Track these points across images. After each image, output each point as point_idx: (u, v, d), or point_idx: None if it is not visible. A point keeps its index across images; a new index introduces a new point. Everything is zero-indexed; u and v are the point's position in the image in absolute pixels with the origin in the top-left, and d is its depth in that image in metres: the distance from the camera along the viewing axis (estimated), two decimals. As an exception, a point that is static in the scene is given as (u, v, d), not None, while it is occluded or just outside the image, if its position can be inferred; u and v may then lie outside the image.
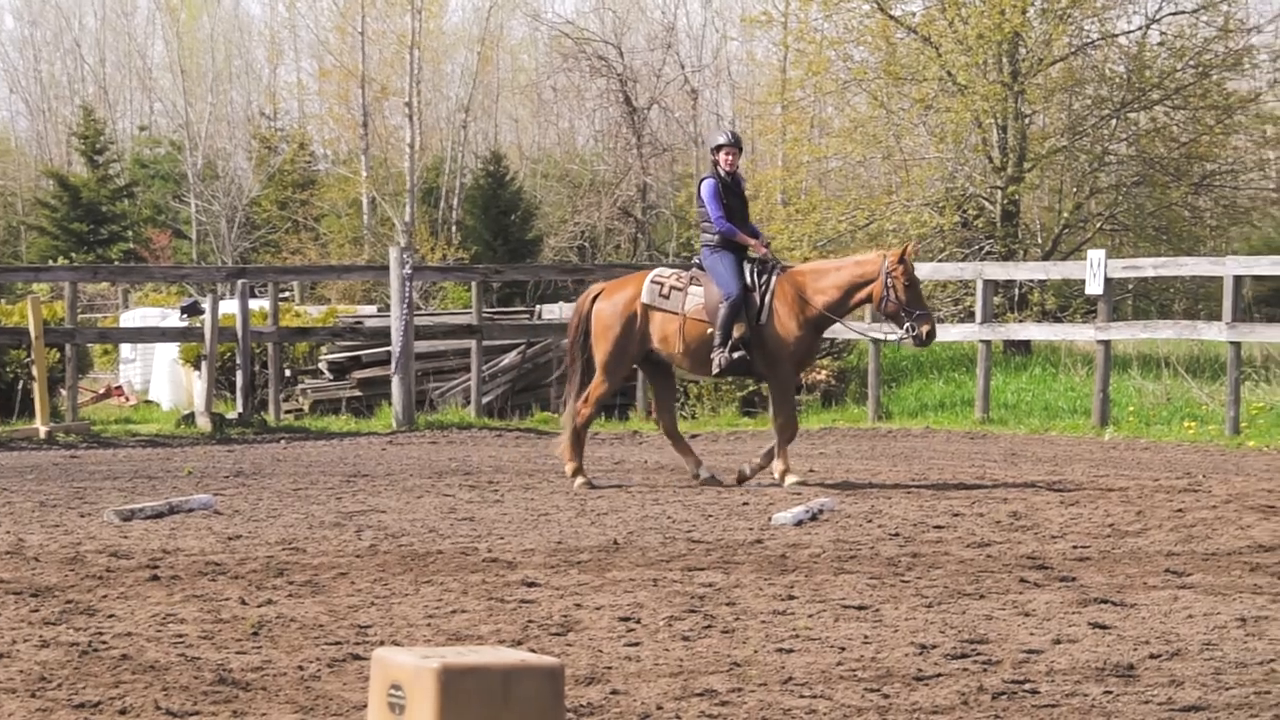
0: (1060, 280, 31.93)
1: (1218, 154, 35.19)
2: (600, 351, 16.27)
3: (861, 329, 21.98)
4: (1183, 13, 34.70)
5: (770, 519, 13.35)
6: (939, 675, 7.96)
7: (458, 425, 23.40)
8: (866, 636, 8.83)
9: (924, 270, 27.39)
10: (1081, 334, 26.01)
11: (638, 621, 9.20)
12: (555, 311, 29.42)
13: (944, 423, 23.89)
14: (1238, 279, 21.79)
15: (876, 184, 36.11)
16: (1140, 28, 35.27)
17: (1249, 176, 36.57)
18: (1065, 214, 35.05)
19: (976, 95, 32.37)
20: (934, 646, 8.56)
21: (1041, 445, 20.82)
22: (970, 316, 27.45)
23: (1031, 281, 32.12)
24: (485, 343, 24.73)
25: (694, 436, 22.43)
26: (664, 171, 52.41)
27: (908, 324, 15.68)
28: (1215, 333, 22.23)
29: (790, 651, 8.46)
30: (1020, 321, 30.68)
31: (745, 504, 14.50)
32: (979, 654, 8.41)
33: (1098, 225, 35.17)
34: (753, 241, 16.05)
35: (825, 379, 26.70)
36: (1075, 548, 11.89)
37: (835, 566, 11.05)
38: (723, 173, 16.11)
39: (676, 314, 16.02)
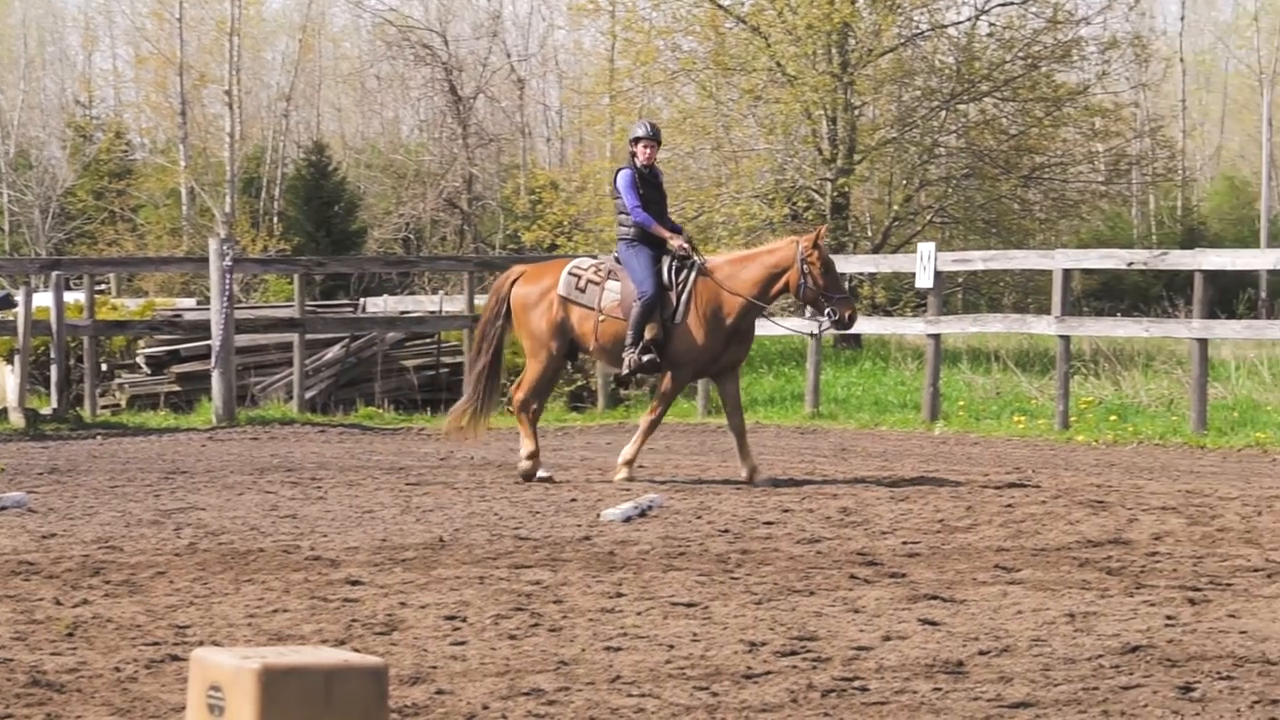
0: (890, 273, 32.09)
1: (1047, 146, 35.57)
2: (523, 336, 16.08)
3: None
4: (1012, 4, 35.04)
5: (599, 515, 13.25)
6: (768, 673, 7.91)
7: (280, 421, 23.10)
8: (695, 634, 8.76)
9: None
10: (911, 328, 26.14)
11: (463, 620, 9.09)
12: (380, 304, 29.19)
13: (774, 417, 23.91)
14: (1067, 272, 21.98)
15: (706, 176, 36.09)
16: (970, 19, 35.56)
17: (1078, 169, 37.00)
18: (895, 206, 35.28)
19: (806, 86, 32.46)
20: (763, 644, 8.51)
21: (872, 440, 20.87)
22: (800, 310, 27.46)
23: (862, 274, 32.28)
24: (308, 336, 24.42)
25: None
26: (490, 162, 52.25)
27: (828, 309, 15.49)
28: (1045, 326, 22.40)
29: (618, 650, 8.39)
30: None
31: (573, 500, 14.40)
32: (808, 651, 8.36)
33: (928, 218, 35.43)
34: (668, 234, 15.76)
35: (653, 373, 26.62)
36: (905, 543, 11.90)
37: (664, 563, 10.99)
38: (640, 165, 15.89)
39: (592, 309, 15.77)
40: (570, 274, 15.92)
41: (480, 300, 28.24)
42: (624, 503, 13.69)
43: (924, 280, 22.93)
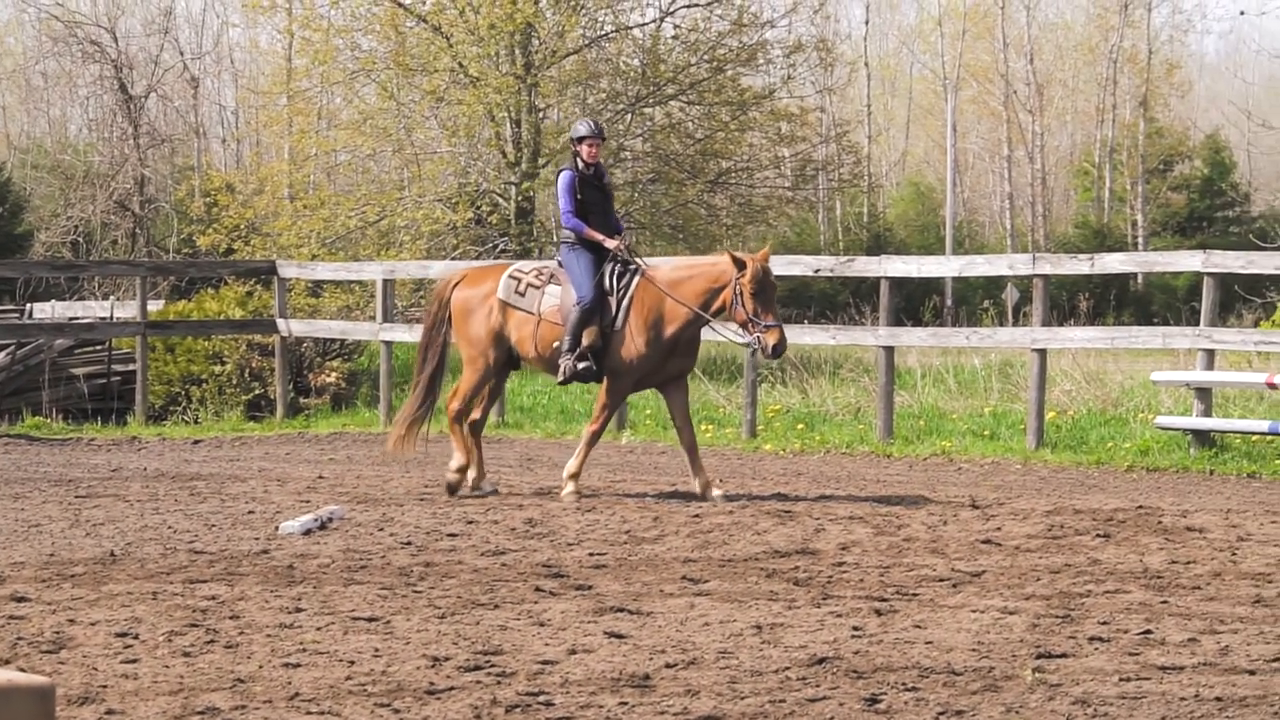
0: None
1: (733, 151, 35.86)
2: (462, 341, 15.66)
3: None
4: (697, 6, 35.25)
5: (277, 528, 13.00)
6: (451, 688, 7.86)
7: (-58, 430, 22.34)
8: (377, 649, 8.68)
9: (437, 268, 27.18)
10: (595, 334, 26.04)
11: (135, 637, 8.92)
12: (47, 310, 28.33)
13: (459, 426, 23.67)
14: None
15: (388, 179, 35.77)
16: (655, 20, 35.70)
17: (764, 174, 37.36)
18: (580, 211, 35.24)
19: (489, 88, 32.30)
20: (447, 659, 8.45)
21: (558, 450, 20.74)
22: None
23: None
24: (-27, 343, 23.59)
25: (197, 442, 21.83)
26: (164, 163, 51.29)
27: (755, 334, 15.02)
28: (732, 334, 22.42)
29: (297, 666, 8.29)
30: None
31: (251, 513, 14.11)
32: (493, 665, 8.31)
33: (612, 222, 35.47)
34: (601, 237, 15.37)
35: (335, 382, 26.26)
36: (592, 555, 11.84)
37: (345, 577, 10.87)
38: (582, 165, 15.51)
39: (531, 314, 15.38)
40: (511, 277, 15.58)
41: (154, 306, 27.65)
42: (303, 515, 13.46)
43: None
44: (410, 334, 25.37)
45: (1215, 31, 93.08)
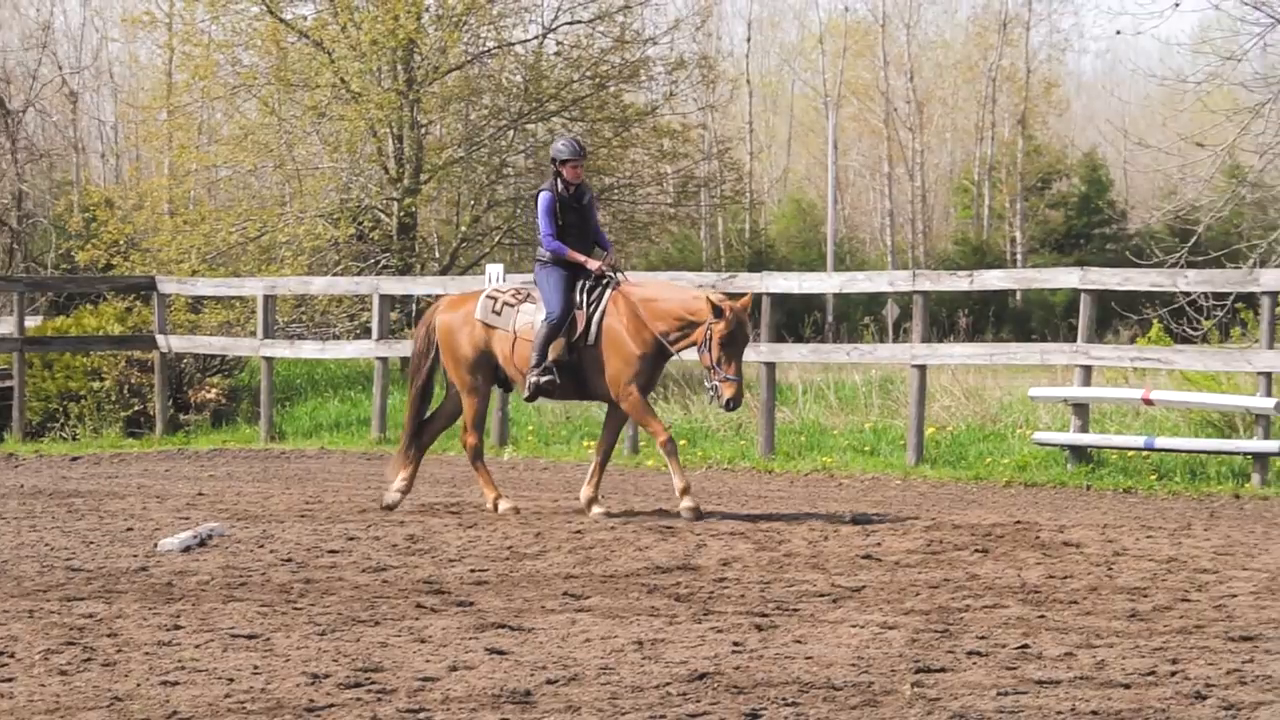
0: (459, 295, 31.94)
1: (615, 168, 35.79)
2: (450, 365, 15.59)
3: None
4: (580, 23, 35.21)
5: (156, 545, 12.90)
6: (331, 706, 7.84)
7: None
8: (256, 667, 8.64)
9: (319, 285, 27.07)
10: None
11: (11, 656, 8.85)
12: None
13: (339, 443, 23.60)
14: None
15: (269, 194, 35.49)
16: (537, 37, 35.61)
17: (646, 190, 37.31)
18: (463, 227, 35.16)
19: (371, 103, 32.14)
20: (327, 676, 8.42)
21: (440, 466, 20.70)
22: (367, 333, 27.21)
23: (429, 296, 32.07)
24: None
25: (75, 459, 21.63)
26: (42, 178, 50.67)
27: (715, 382, 14.89)
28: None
29: (176, 684, 8.24)
30: (418, 338, 30.49)
31: (129, 530, 14.00)
32: (373, 683, 8.29)
33: (496, 239, 35.40)
34: (584, 259, 15.24)
35: (215, 398, 26.07)
36: (473, 571, 11.82)
37: (224, 594, 10.81)
38: (562, 186, 15.36)
39: (508, 333, 15.35)
40: (488, 297, 15.63)
41: (32, 322, 27.33)
42: (182, 531, 13.36)
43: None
44: (291, 350, 25.25)
45: (1092, 51, 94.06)
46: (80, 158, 55.29)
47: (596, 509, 15.11)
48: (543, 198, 15.53)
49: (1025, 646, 9.17)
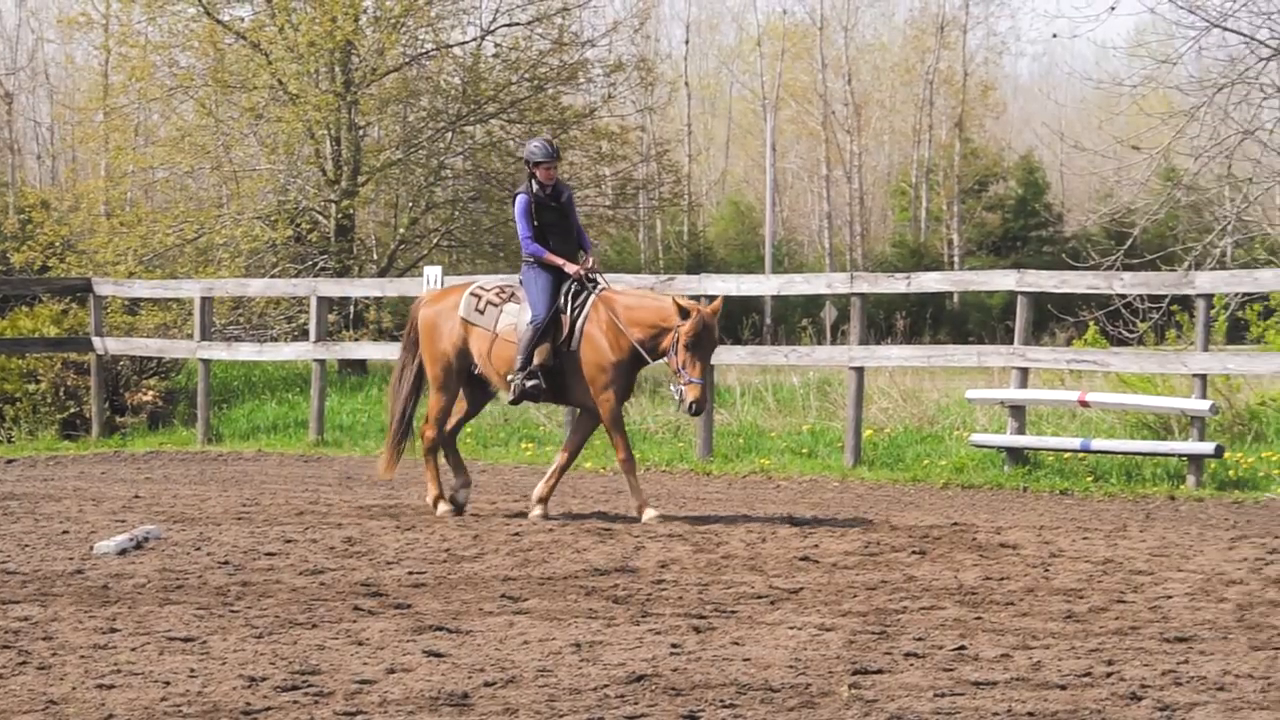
0: (397, 297, 31.86)
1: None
2: (427, 359, 15.54)
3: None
4: (518, 25, 35.18)
5: (92, 548, 12.81)
6: (268, 709, 7.83)
7: None
8: (193, 670, 8.60)
9: (256, 286, 26.96)
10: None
11: None
12: None
13: (277, 445, 23.49)
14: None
15: (206, 196, 35.38)
16: (475, 39, 35.57)
17: (584, 193, 37.30)
18: (401, 229, 35.10)
19: (309, 105, 32.05)
20: (264, 679, 8.39)
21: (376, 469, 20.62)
22: (304, 335, 27.11)
23: (367, 299, 32.01)
24: None
25: (10, 461, 21.49)
26: (-26, 180, 50.34)
27: (680, 385, 14.75)
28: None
29: (111, 688, 8.20)
30: (356, 340, 30.48)
31: (65, 533, 13.89)
32: (310, 685, 8.27)
33: (434, 241, 35.35)
34: (562, 262, 15.20)
35: (152, 400, 25.93)
36: (411, 574, 11.78)
37: (161, 597, 10.76)
38: (537, 188, 15.32)
39: (488, 331, 15.27)
40: (472, 294, 15.52)
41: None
42: (119, 534, 13.27)
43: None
44: (228, 352, 25.15)
45: (1029, 54, 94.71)
46: (16, 159, 55.01)
47: (536, 510, 15.10)
48: (519, 200, 15.55)
49: (962, 648, 9.20)
